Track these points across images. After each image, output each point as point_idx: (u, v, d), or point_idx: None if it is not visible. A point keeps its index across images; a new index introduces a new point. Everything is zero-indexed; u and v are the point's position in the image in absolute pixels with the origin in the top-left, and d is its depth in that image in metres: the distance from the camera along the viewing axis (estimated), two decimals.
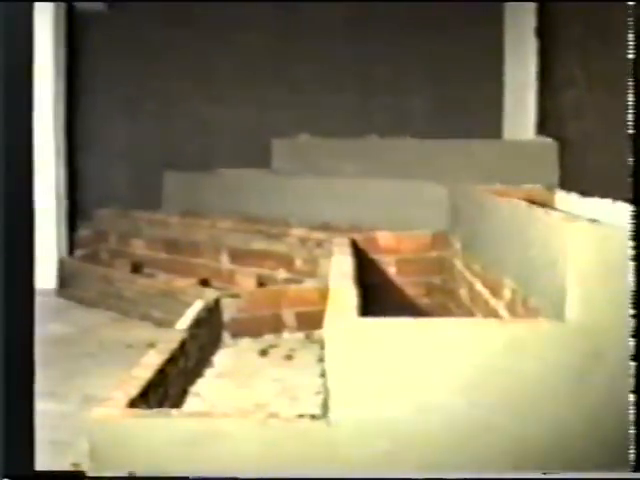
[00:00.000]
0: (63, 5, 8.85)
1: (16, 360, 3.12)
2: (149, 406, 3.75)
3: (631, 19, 3.12)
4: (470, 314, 5.35)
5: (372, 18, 9.56)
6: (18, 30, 3.16)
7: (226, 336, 5.97)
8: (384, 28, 9.49)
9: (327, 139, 9.21)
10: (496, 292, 4.50)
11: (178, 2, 9.67)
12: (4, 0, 3.14)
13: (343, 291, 3.98)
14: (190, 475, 3.14)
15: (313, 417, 3.26)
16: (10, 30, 3.13)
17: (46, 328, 7.02)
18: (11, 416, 3.06)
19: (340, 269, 4.89)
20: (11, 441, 3.07)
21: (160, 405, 3.98)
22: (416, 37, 9.42)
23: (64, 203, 8.93)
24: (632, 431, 3.00)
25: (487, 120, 9.35)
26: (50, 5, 8.58)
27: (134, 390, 3.68)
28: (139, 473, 3.15)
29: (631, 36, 3.08)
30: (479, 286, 5.08)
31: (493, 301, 4.59)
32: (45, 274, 8.56)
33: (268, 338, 6.04)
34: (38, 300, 7.96)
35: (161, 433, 3.25)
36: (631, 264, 3.00)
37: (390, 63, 9.59)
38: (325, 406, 3.30)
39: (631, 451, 3.00)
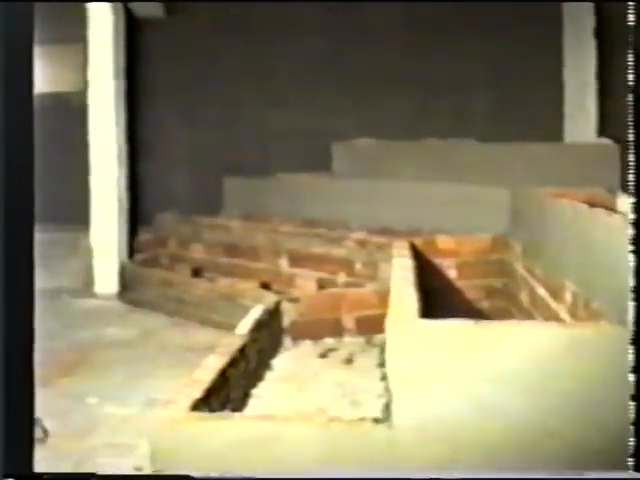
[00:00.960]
0: (123, 11, 8.92)
1: (16, 360, 3.13)
2: (211, 409, 3.76)
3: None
4: (531, 317, 5.31)
5: (431, 20, 9.53)
6: (18, 29, 3.17)
7: (286, 339, 5.98)
8: (444, 30, 9.45)
9: (387, 142, 9.18)
10: (557, 295, 4.46)
11: (238, 6, 9.70)
12: (4, 0, 3.15)
13: (404, 295, 3.97)
14: (254, 475, 3.15)
15: (375, 420, 3.26)
16: (10, 30, 3.14)
17: (107, 332, 7.10)
18: (11, 416, 3.08)
19: (400, 273, 4.87)
20: (11, 441, 3.08)
21: (222, 408, 4.00)
22: (476, 39, 9.36)
23: (125, 208, 9.00)
24: (632, 431, 2.96)
25: (548, 122, 9.28)
26: (109, 10, 8.66)
27: (196, 393, 3.69)
28: (199, 475, 3.16)
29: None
30: (540, 289, 5.04)
31: (554, 304, 4.55)
32: (106, 278, 8.66)
33: (328, 342, 6.04)
34: (100, 304, 8.09)
35: (223, 436, 3.26)
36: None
37: (450, 65, 9.53)
38: (387, 409, 3.29)
39: (631, 451, 2.96)
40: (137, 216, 9.44)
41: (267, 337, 5.53)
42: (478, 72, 9.49)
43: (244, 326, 5.16)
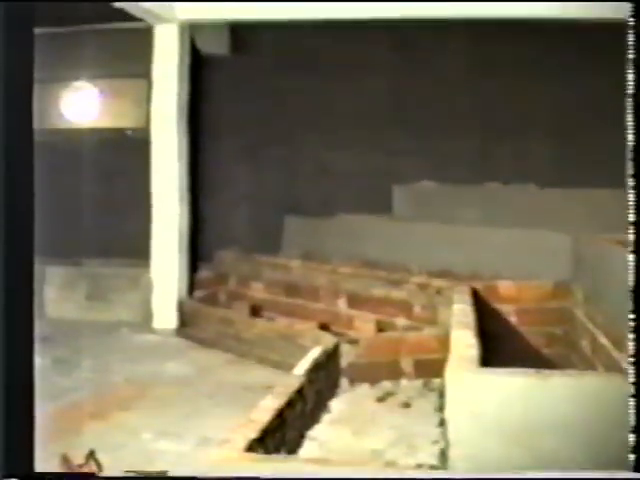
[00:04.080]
0: (188, 48, 9.01)
1: (17, 361, 3.14)
2: (266, 450, 3.75)
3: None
4: (592, 367, 5.24)
5: (495, 64, 9.50)
6: (19, 61, 3.19)
7: (344, 382, 5.95)
8: (507, 74, 9.41)
9: (448, 186, 9.16)
10: (619, 344, 4.40)
11: (302, 45, 9.76)
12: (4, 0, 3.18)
13: (464, 342, 3.94)
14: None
15: (431, 467, 3.23)
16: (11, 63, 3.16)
17: (165, 367, 7.11)
18: (11, 417, 3.08)
19: (461, 318, 4.84)
20: (11, 441, 3.08)
21: (277, 449, 3.98)
22: (539, 82, 9.30)
23: (186, 244, 9.04)
24: (632, 432, 2.89)
25: (611, 168, 9.17)
26: (176, 48, 8.75)
27: (252, 433, 3.68)
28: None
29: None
30: (602, 338, 4.98)
31: (616, 353, 4.49)
32: (165, 314, 8.69)
33: (386, 385, 6.00)
34: (158, 339, 8.12)
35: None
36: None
37: (513, 108, 9.48)
38: (443, 456, 3.26)
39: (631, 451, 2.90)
40: (197, 252, 9.48)
41: (324, 378, 5.51)
42: (541, 116, 9.43)
43: (302, 367, 5.15)
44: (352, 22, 8.53)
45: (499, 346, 5.86)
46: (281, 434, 4.14)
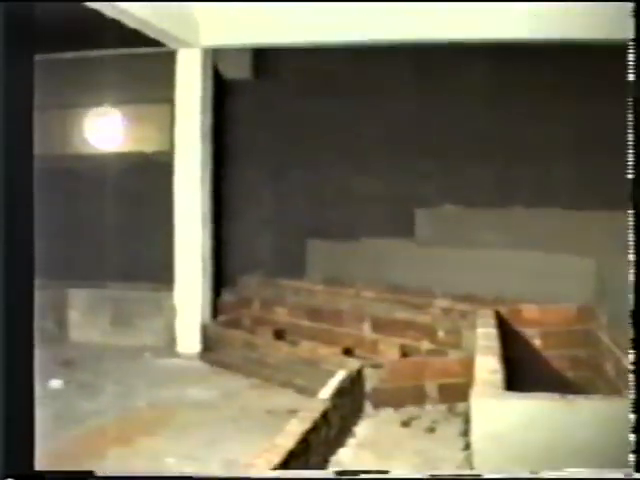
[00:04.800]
0: (211, 73, 9.05)
1: (17, 361, 3.14)
2: None
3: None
4: (616, 390, 5.22)
5: (515, 87, 9.49)
6: (19, 87, 3.22)
7: (368, 406, 5.95)
8: (527, 97, 9.40)
9: (471, 209, 9.15)
10: None
11: (323, 70, 9.80)
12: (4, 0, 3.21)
13: (488, 365, 3.94)
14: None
15: None
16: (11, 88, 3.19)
17: (188, 392, 7.12)
18: (12, 417, 3.08)
19: (485, 342, 4.84)
20: (11, 441, 3.08)
21: None
22: (560, 104, 9.28)
23: (209, 268, 9.05)
24: (632, 432, 2.88)
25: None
26: (199, 73, 8.79)
27: (276, 458, 3.68)
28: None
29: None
30: (626, 361, 4.96)
31: None
32: (189, 338, 8.70)
33: (410, 409, 5.99)
34: (181, 363, 8.13)
35: None
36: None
37: (535, 131, 9.46)
38: None
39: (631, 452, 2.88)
40: (221, 277, 9.49)
41: (349, 403, 5.51)
42: (563, 138, 9.40)
43: (326, 391, 5.15)
44: (373, 46, 8.56)
45: (523, 369, 5.85)
46: (305, 459, 4.14)
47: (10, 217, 3.13)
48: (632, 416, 2.90)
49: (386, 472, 4.26)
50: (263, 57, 9.97)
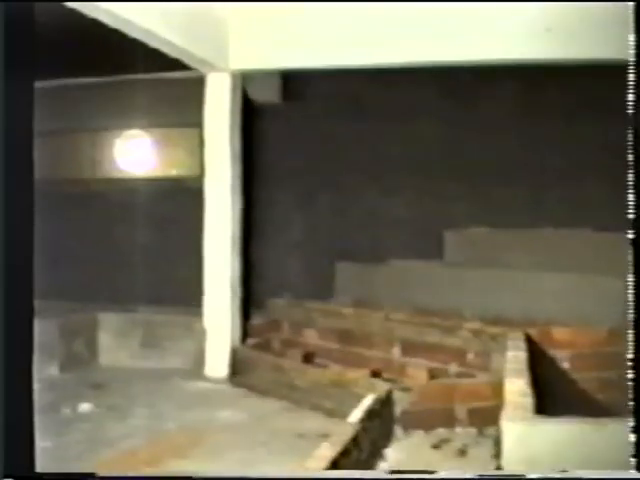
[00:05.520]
0: (240, 96, 9.07)
1: (16, 361, 3.15)
2: None
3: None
4: None
5: (544, 107, 9.47)
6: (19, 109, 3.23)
7: (398, 429, 5.93)
8: (556, 117, 9.37)
9: (500, 230, 9.13)
10: None
11: (352, 92, 9.83)
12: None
13: (518, 388, 3.93)
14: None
15: None
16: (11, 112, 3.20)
17: (218, 415, 7.11)
18: (12, 417, 3.09)
19: (515, 365, 4.83)
20: (11, 441, 3.08)
21: None
22: (590, 125, 9.25)
23: (238, 291, 9.05)
24: (632, 432, 2.85)
25: None
26: (228, 97, 8.82)
27: None
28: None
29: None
30: None
31: None
32: (218, 361, 8.70)
33: (440, 432, 5.97)
34: (211, 387, 8.13)
35: None
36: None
37: (564, 152, 9.42)
38: None
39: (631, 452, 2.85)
40: (250, 300, 9.49)
41: (379, 426, 5.50)
42: (593, 159, 9.37)
43: (356, 414, 5.15)
44: (401, 68, 8.58)
45: (553, 392, 5.83)
46: None
47: (10, 240, 3.16)
48: (632, 416, 2.90)
49: (433, 472, 4.27)
50: (292, 81, 10.02)
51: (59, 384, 8.27)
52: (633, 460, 2.92)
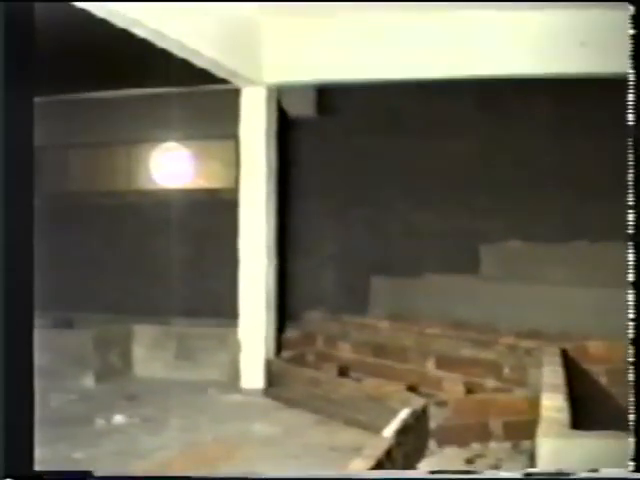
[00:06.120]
0: (275, 110, 9.08)
1: (17, 361, 3.14)
2: None
3: None
4: None
5: (578, 121, 9.43)
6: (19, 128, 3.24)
7: (432, 444, 5.90)
8: (591, 129, 9.33)
9: (535, 244, 9.09)
10: None
11: (387, 107, 9.83)
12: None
13: (554, 404, 3.90)
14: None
15: None
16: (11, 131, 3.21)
17: (252, 427, 7.10)
18: (11, 417, 3.08)
19: (551, 380, 4.79)
20: (11, 441, 3.08)
21: None
22: (624, 138, 9.13)
23: (273, 304, 9.05)
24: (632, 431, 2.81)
25: None
26: (263, 110, 8.83)
27: None
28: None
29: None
30: None
31: None
32: (253, 373, 8.71)
33: (474, 447, 5.94)
34: (245, 399, 8.13)
35: None
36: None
37: (597, 166, 9.36)
38: None
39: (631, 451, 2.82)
40: (285, 312, 9.49)
41: (413, 440, 5.47)
42: (628, 173, 9.28)
43: (390, 428, 5.12)
44: (435, 82, 8.57)
45: (589, 406, 5.78)
46: None
47: (10, 255, 3.18)
48: (632, 416, 2.88)
49: (477, 472, 4.25)
50: (327, 94, 10.04)
51: (94, 395, 8.31)
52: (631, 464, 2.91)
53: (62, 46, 8.10)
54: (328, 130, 10.29)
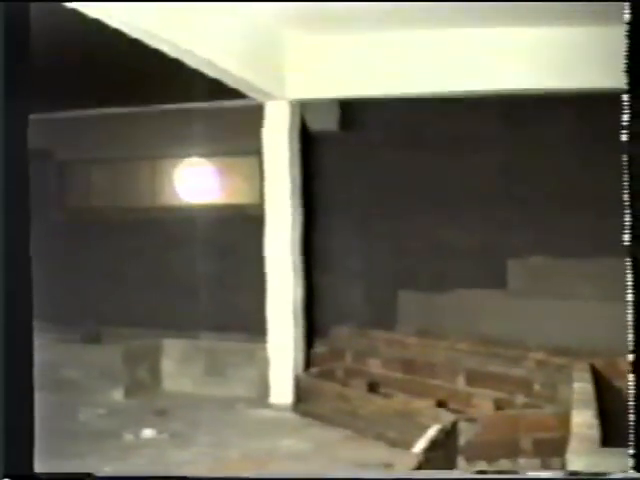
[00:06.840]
0: (298, 125, 9.09)
1: (17, 361, 3.15)
2: None
3: None
4: None
5: (605, 134, 9.35)
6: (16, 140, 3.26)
7: (461, 460, 5.89)
8: (616, 142, 9.26)
9: (563, 259, 9.05)
10: None
11: (411, 121, 9.83)
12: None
13: (584, 421, 3.89)
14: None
15: None
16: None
17: (281, 443, 7.10)
18: (11, 417, 3.09)
19: (581, 397, 4.78)
20: (11, 442, 3.09)
21: None
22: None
23: (301, 319, 9.05)
24: (632, 431, 2.80)
25: None
26: (286, 125, 8.84)
27: None
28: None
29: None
30: None
31: None
32: (281, 389, 8.70)
33: (503, 463, 5.92)
34: (274, 415, 8.14)
35: None
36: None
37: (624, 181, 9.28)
38: None
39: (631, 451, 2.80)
40: (313, 328, 9.48)
41: (442, 457, 5.46)
42: None
43: (420, 445, 5.12)
44: (459, 96, 8.58)
45: (619, 423, 5.75)
46: None
47: (10, 256, 3.20)
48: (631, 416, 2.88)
49: (516, 472, 4.26)
50: (350, 109, 10.04)
51: (123, 410, 8.34)
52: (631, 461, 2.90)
53: (90, 62, 8.18)
54: (351, 145, 10.28)
